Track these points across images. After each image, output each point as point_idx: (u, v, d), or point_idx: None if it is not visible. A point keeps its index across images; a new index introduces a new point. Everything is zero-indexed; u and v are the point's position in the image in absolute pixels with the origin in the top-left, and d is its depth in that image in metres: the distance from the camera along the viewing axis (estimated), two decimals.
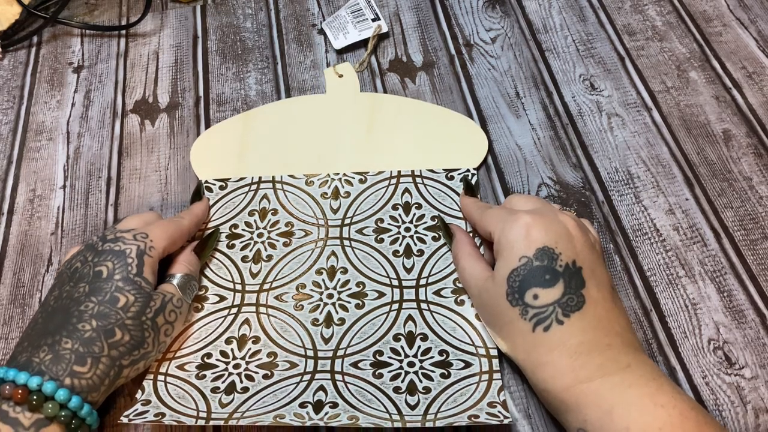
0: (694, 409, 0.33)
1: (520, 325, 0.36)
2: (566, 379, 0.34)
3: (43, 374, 0.34)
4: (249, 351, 0.41)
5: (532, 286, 0.36)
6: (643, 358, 0.36)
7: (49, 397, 0.33)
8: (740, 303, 0.43)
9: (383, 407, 0.38)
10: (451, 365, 0.40)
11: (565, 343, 0.35)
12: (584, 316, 0.35)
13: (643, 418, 0.32)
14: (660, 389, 0.33)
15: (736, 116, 0.52)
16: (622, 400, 0.33)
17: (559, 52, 0.57)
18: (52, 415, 0.33)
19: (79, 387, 0.34)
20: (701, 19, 0.58)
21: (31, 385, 0.33)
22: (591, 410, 0.33)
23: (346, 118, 0.53)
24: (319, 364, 0.40)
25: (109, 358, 0.36)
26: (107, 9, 0.63)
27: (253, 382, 0.40)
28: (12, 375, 0.34)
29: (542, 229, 0.37)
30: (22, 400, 0.33)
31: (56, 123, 0.55)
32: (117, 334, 0.36)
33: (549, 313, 0.35)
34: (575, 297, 0.36)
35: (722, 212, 0.47)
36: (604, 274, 0.38)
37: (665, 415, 0.32)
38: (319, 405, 0.38)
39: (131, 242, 0.39)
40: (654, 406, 0.32)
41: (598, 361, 0.34)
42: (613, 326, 0.36)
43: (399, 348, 0.41)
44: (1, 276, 0.47)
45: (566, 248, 0.36)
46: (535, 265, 0.36)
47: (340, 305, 0.43)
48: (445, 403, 0.38)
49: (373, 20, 0.58)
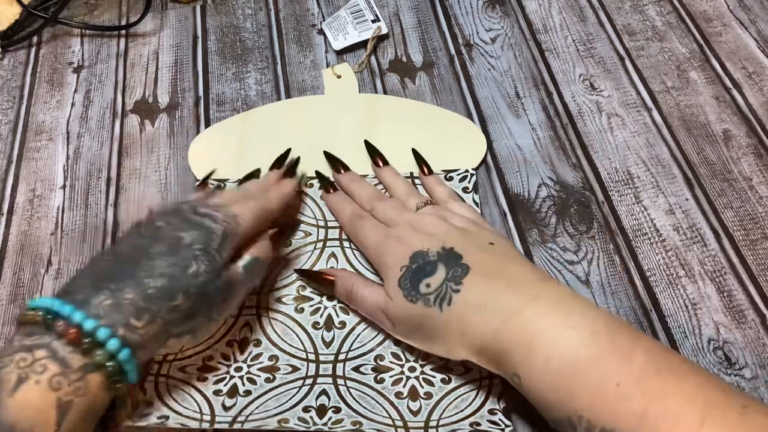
0: (606, 322, 0.34)
1: (430, 313, 0.37)
2: (486, 332, 0.35)
3: (99, 318, 0.33)
4: (250, 354, 0.41)
5: (421, 280, 0.38)
6: (549, 285, 0.36)
7: (101, 343, 0.32)
8: (740, 303, 0.43)
9: (386, 413, 0.38)
10: (452, 370, 0.40)
11: (468, 303, 0.36)
12: (474, 276, 0.37)
13: (559, 345, 0.33)
14: (571, 312, 0.34)
15: (736, 116, 0.52)
16: (537, 333, 0.34)
17: (559, 52, 0.57)
18: (101, 363, 0.32)
19: (129, 340, 0.33)
20: (701, 19, 0.58)
21: (87, 327, 0.32)
22: (515, 352, 0.34)
23: (344, 119, 0.53)
24: (320, 369, 0.40)
25: (163, 320, 0.35)
26: (107, 9, 0.63)
27: (255, 386, 0.40)
28: (68, 311, 0.32)
29: (407, 241, 0.40)
30: (74, 341, 0.32)
31: (56, 123, 0.55)
32: (178, 298, 0.35)
33: (444, 290, 0.37)
34: (459, 268, 0.38)
35: (722, 212, 0.47)
36: (480, 235, 0.40)
37: (577, 336, 0.33)
38: (323, 409, 0.38)
39: (220, 222, 0.39)
40: (566, 330, 0.34)
41: (504, 301, 0.35)
42: (507, 269, 0.37)
43: (400, 352, 0.41)
44: (1, 276, 0.47)
45: (431, 243, 0.39)
46: (414, 267, 0.39)
47: (340, 308, 0.43)
48: (446, 409, 0.38)
49: (373, 21, 0.58)
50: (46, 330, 0.32)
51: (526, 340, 0.34)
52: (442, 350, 0.38)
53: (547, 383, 0.33)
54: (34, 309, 0.33)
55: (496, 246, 0.40)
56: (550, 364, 0.33)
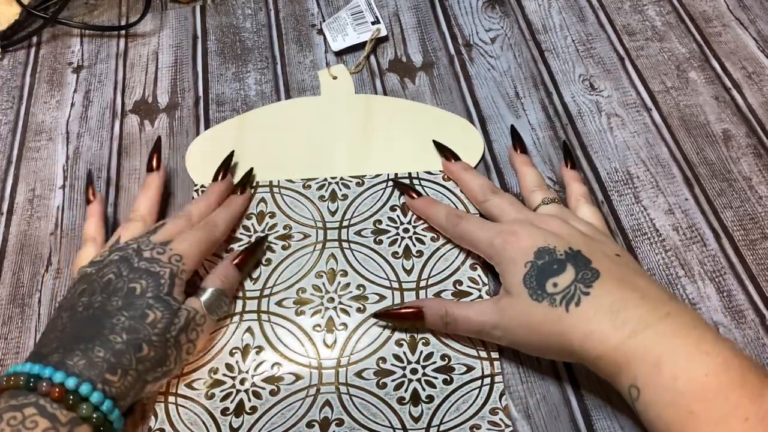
0: (737, 356, 0.33)
1: (556, 314, 0.37)
2: (613, 338, 0.35)
3: (77, 376, 0.35)
4: (254, 362, 0.41)
5: (548, 278, 0.38)
6: (680, 306, 0.36)
7: (85, 398, 0.34)
8: (740, 303, 0.43)
9: (387, 422, 0.39)
10: (453, 370, 0.40)
11: (600, 306, 0.36)
12: (605, 282, 0.37)
13: (689, 367, 0.33)
14: (702, 337, 0.34)
15: (736, 116, 0.52)
16: (667, 351, 0.34)
17: (559, 52, 0.57)
18: (86, 416, 0.34)
19: (110, 393, 0.35)
20: (701, 20, 0.58)
21: (69, 385, 0.34)
22: (639, 365, 0.34)
23: (340, 120, 0.53)
24: (323, 376, 0.41)
25: (135, 371, 0.36)
26: (107, 9, 0.63)
27: (260, 400, 0.40)
28: (48, 372, 0.34)
29: (530, 235, 0.40)
30: (59, 398, 0.33)
31: (56, 123, 0.55)
32: (144, 349, 0.37)
33: (573, 290, 0.37)
34: (588, 271, 0.37)
35: (722, 212, 0.47)
36: (606, 244, 0.40)
37: (710, 363, 0.33)
38: (326, 423, 0.39)
39: (166, 265, 0.40)
40: (699, 354, 0.33)
41: (637, 313, 0.35)
42: (638, 282, 0.37)
43: (401, 354, 0.41)
44: (1, 276, 0.47)
45: (557, 242, 0.39)
46: (541, 263, 0.38)
47: (341, 309, 0.43)
48: (448, 412, 0.39)
49: (372, 23, 0.58)
50: (30, 391, 0.34)
51: (653, 357, 0.34)
52: (555, 352, 0.38)
53: (669, 401, 0.33)
54: (11, 375, 0.34)
55: (623, 258, 0.39)
56: (677, 384, 0.33)
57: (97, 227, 0.45)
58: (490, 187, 0.46)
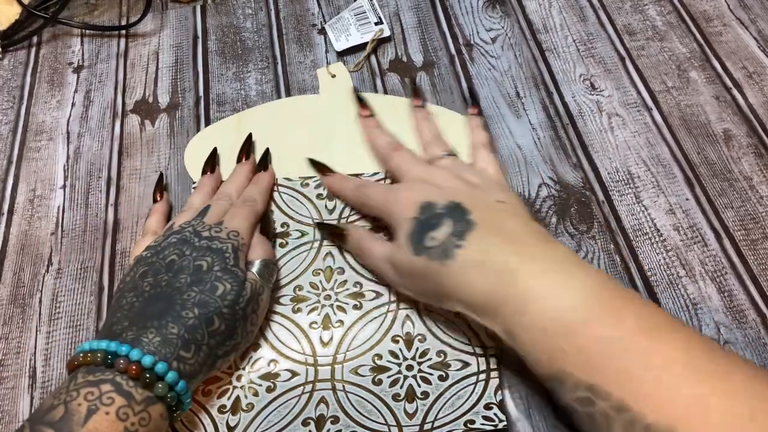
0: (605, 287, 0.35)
1: (433, 268, 0.38)
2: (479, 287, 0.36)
3: (153, 354, 0.35)
4: (250, 359, 0.41)
5: (426, 233, 0.39)
6: (551, 246, 0.37)
7: (160, 376, 0.34)
8: (741, 303, 0.43)
9: (382, 419, 0.39)
10: (449, 366, 0.40)
11: (467, 259, 0.37)
12: (478, 232, 0.38)
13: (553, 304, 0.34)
14: (571, 274, 0.35)
15: (737, 116, 0.52)
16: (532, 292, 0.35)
17: (560, 52, 0.57)
18: (161, 395, 0.34)
19: (183, 371, 0.35)
20: (701, 19, 0.58)
21: (145, 363, 0.34)
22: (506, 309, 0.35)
23: (339, 119, 0.53)
24: (319, 373, 0.41)
25: (207, 346, 0.37)
26: (107, 9, 0.63)
27: (257, 398, 0.40)
28: (125, 350, 0.34)
29: (415, 191, 0.41)
30: (135, 376, 0.34)
31: (56, 123, 0.55)
32: (215, 322, 0.37)
33: (447, 244, 0.38)
34: (464, 223, 0.38)
35: (723, 212, 0.47)
36: (491, 191, 0.41)
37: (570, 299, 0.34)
38: (321, 420, 0.39)
39: (227, 241, 0.41)
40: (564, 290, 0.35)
41: (502, 258, 0.36)
42: (510, 226, 0.38)
43: (397, 350, 0.41)
44: (1, 276, 0.47)
45: (439, 196, 0.40)
46: (422, 218, 0.40)
47: (338, 306, 0.43)
48: (442, 408, 0.39)
49: (375, 24, 0.58)
50: (107, 368, 0.34)
51: (520, 298, 0.35)
52: (440, 304, 0.39)
53: (539, 340, 0.34)
54: (88, 351, 0.35)
55: (506, 204, 0.40)
56: (543, 324, 0.34)
57: (159, 222, 0.46)
58: (393, 145, 0.48)
